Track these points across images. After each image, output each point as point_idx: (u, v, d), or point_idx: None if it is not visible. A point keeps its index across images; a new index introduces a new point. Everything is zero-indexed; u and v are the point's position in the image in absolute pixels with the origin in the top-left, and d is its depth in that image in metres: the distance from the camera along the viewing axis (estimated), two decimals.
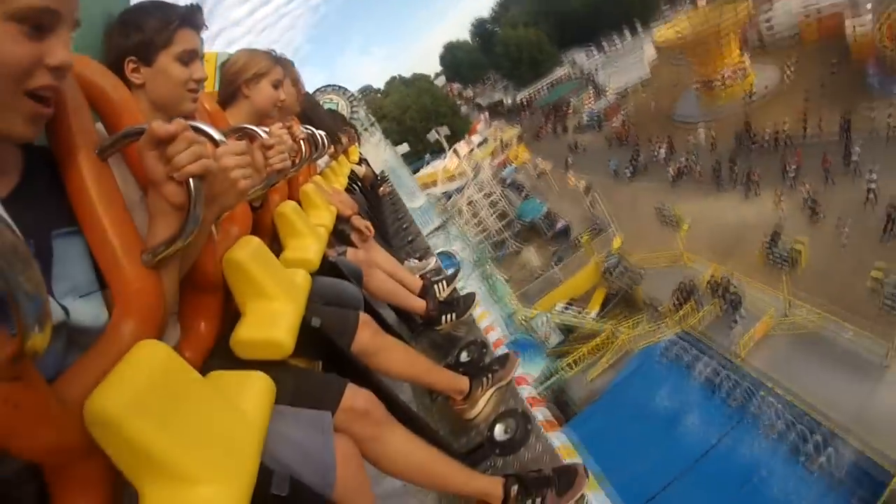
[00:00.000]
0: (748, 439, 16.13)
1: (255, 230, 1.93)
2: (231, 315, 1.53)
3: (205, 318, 1.41)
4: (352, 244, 3.05)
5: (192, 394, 0.92)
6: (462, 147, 46.75)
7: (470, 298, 3.27)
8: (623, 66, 55.88)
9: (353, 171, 5.78)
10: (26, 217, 0.88)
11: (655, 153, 38.00)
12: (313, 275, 1.94)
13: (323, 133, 2.80)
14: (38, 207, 0.96)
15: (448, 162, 44.01)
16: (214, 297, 1.46)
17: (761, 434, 16.02)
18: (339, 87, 24.84)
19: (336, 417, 1.34)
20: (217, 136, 1.13)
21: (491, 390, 2.39)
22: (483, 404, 2.35)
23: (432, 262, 4.29)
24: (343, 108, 21.64)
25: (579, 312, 26.13)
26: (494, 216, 38.35)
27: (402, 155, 42.54)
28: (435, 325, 3.14)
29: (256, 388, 1.12)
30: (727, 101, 39.26)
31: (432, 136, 45.09)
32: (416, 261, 4.35)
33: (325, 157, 4.35)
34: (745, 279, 21.22)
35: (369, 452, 1.46)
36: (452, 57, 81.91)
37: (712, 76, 40.59)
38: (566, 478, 1.80)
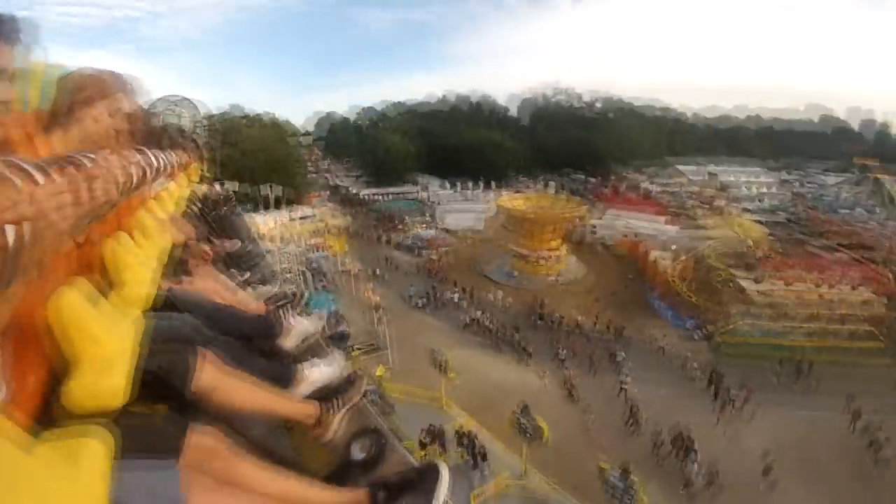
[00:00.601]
0: None
1: (82, 268, 1.82)
2: (60, 365, 1.42)
3: (32, 372, 1.32)
4: (189, 273, 2.86)
5: (21, 464, 0.87)
6: (283, 215, 46.08)
7: (317, 320, 3.08)
8: (464, 209, 59.13)
9: (193, 192, 5.65)
10: None
11: (451, 296, 39.05)
12: (149, 311, 1.90)
13: (160, 155, 2.65)
14: None
15: (264, 222, 42.41)
16: (40, 348, 1.37)
17: None
18: (191, 102, 22.86)
19: (184, 459, 1.30)
20: (36, 173, 1.02)
21: (343, 411, 2.26)
22: (336, 426, 2.21)
23: (276, 287, 4.12)
24: (186, 125, 20.03)
25: None
26: None
27: None
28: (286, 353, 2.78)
29: (94, 443, 1.03)
30: (533, 277, 42.50)
31: (265, 189, 43.55)
32: (260, 286, 4.18)
33: (160, 183, 3.96)
34: (493, 436, 21.20)
35: (226, 489, 1.42)
36: (330, 126, 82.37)
37: (531, 251, 44.10)
38: (429, 475, 1.79)
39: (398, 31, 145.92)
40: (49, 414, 1.28)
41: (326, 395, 2.32)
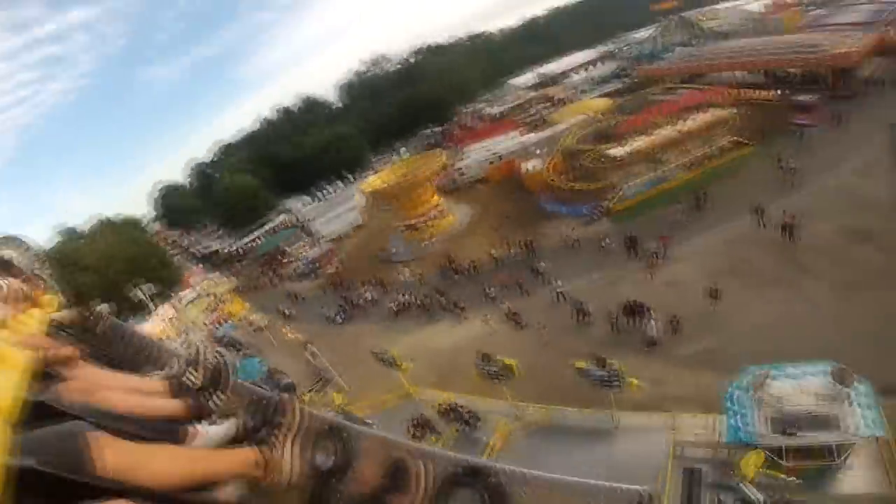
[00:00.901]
0: None
1: None
2: None
3: None
4: (61, 378, 2.29)
5: None
6: (168, 309, 43.08)
7: (226, 368, 2.76)
8: (337, 213, 57.84)
9: (56, 320, 4.56)
10: None
11: (366, 295, 38.26)
12: (23, 426, 1.61)
13: None
14: None
15: (153, 324, 39.00)
16: None
17: None
18: (19, 240, 20.19)
19: None
20: None
21: (289, 442, 2.05)
22: (289, 459, 1.99)
23: (175, 364, 3.20)
24: (21, 262, 17.30)
25: None
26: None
27: None
28: (207, 414, 2.48)
29: None
30: (430, 240, 42.40)
31: (137, 292, 40.35)
32: (159, 371, 3.30)
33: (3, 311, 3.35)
34: (472, 397, 21.19)
35: None
36: (167, 200, 76.52)
37: (415, 218, 44.01)
38: (399, 475, 1.79)
39: (192, 73, 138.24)
40: None
41: (259, 435, 2.13)
